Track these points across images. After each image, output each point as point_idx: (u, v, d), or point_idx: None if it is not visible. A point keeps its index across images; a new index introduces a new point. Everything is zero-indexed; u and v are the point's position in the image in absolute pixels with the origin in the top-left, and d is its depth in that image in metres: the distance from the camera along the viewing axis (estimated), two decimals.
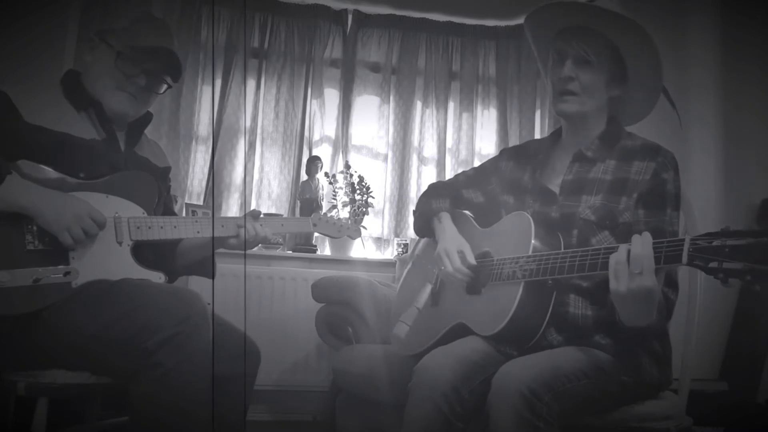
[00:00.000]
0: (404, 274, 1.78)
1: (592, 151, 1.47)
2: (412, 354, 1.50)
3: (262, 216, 1.66)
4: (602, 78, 1.43)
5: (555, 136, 1.60)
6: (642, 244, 1.12)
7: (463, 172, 1.76)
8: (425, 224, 1.66)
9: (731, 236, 1.00)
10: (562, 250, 1.33)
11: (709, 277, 1.22)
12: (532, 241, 1.36)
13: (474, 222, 1.63)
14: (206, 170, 3.11)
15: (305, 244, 3.06)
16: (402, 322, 1.52)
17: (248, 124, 3.17)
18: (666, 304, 1.31)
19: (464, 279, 1.46)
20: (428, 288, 1.55)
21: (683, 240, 1.07)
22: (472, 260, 1.47)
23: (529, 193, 1.53)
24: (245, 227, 1.60)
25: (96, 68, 1.58)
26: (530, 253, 1.34)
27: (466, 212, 1.67)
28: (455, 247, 1.49)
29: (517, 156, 1.65)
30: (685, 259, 1.05)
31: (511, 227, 1.47)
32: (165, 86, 1.68)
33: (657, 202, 1.37)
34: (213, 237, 1.60)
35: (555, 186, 1.49)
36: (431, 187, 1.73)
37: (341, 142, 3.26)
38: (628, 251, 1.13)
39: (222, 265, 1.82)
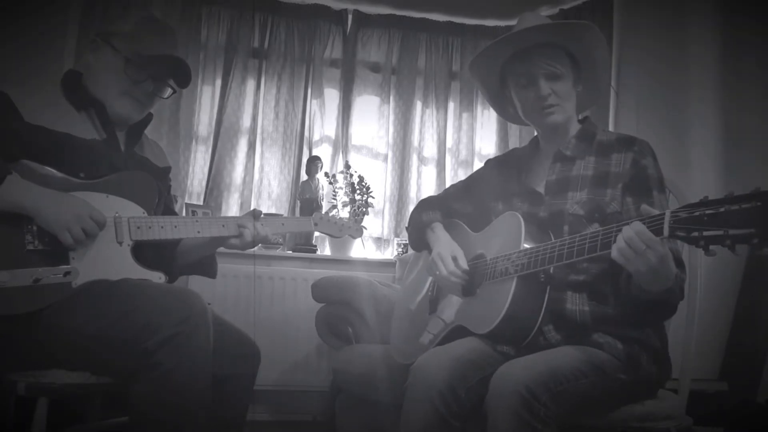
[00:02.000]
0: (425, 290, 1.77)
1: (570, 150, 1.52)
2: (411, 362, 1.50)
3: (262, 216, 1.66)
4: (570, 82, 1.50)
5: (534, 143, 1.66)
6: (631, 227, 1.14)
7: (452, 185, 1.82)
8: (419, 237, 1.69)
9: (709, 205, 1.03)
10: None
11: (709, 277, 1.22)
12: (523, 238, 1.38)
13: (466, 227, 1.66)
14: (206, 170, 3.11)
15: (305, 244, 3.06)
16: (428, 332, 1.54)
17: (248, 124, 3.17)
18: (678, 282, 1.32)
19: (458, 282, 1.48)
20: (453, 299, 1.56)
21: (663, 214, 1.10)
22: (464, 265, 1.50)
23: (517, 195, 1.56)
24: (249, 227, 1.60)
25: (101, 71, 1.57)
26: (521, 248, 1.37)
27: (458, 220, 1.69)
28: (449, 252, 1.52)
29: (500, 165, 1.70)
30: (666, 231, 1.08)
31: (502, 228, 1.50)
32: (170, 91, 1.68)
33: (642, 188, 1.41)
34: (214, 236, 1.59)
35: (540, 188, 1.52)
36: (421, 202, 1.78)
37: (341, 142, 3.26)
38: (624, 240, 1.14)
39: (222, 266, 1.82)
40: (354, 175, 3.05)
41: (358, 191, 3.02)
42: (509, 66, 1.54)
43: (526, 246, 1.37)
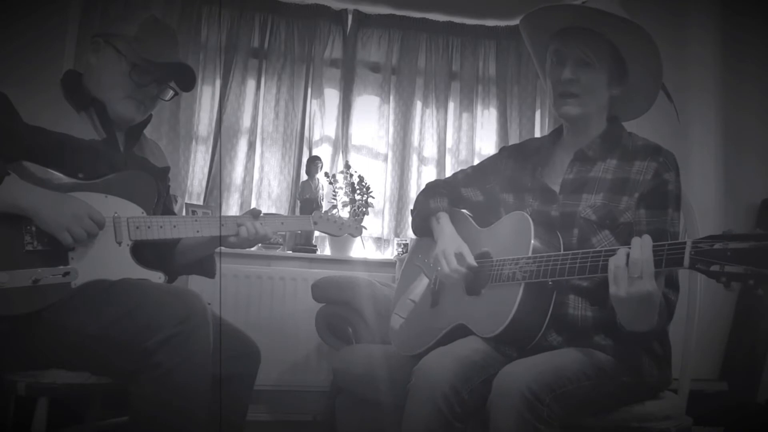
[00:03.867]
0: (401, 272, 1.78)
1: (593, 151, 1.46)
2: (412, 354, 1.50)
3: (262, 215, 1.65)
4: (603, 78, 1.42)
5: (556, 134, 1.59)
6: (641, 248, 1.11)
7: (462, 170, 1.75)
8: (423, 224, 1.65)
9: (733, 239, 0.99)
10: (562, 250, 1.32)
11: (709, 278, 1.20)
12: (532, 241, 1.35)
13: (473, 221, 1.62)
14: (206, 170, 3.11)
15: (305, 244, 3.06)
16: (396, 315, 1.52)
17: (248, 124, 3.17)
18: (667, 306, 1.31)
19: (460, 279, 1.46)
20: (424, 281, 1.54)
21: (685, 243, 1.06)
22: (471, 261, 1.46)
23: (529, 191, 1.52)
24: (248, 225, 1.60)
25: (104, 73, 1.57)
26: (530, 253, 1.34)
27: (465, 211, 1.66)
28: (453, 248, 1.48)
29: (516, 154, 1.64)
30: (686, 262, 1.04)
31: (510, 227, 1.46)
32: (172, 93, 1.69)
33: (659, 203, 1.36)
34: (220, 236, 1.60)
35: (555, 185, 1.48)
36: (429, 185, 1.71)
37: (341, 142, 3.26)
38: (627, 255, 1.12)
39: (222, 266, 1.82)
40: (354, 175, 3.05)
41: (358, 191, 3.02)
42: (552, 41, 1.46)
43: (534, 244, 1.34)
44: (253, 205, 3.11)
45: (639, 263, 1.10)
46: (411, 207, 1.76)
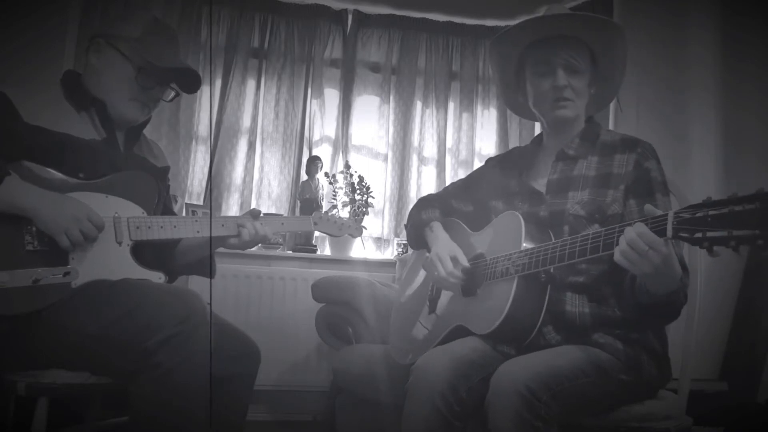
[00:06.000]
0: (416, 284, 1.77)
1: (573, 149, 1.51)
2: (408, 362, 1.50)
3: (262, 215, 1.66)
4: (587, 80, 1.50)
5: (537, 141, 1.65)
6: (633, 227, 1.13)
7: (452, 183, 1.81)
8: (418, 235, 1.68)
9: (713, 206, 1.02)
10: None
11: (709, 277, 1.20)
12: (523, 238, 1.38)
13: (465, 227, 1.65)
14: (206, 170, 3.11)
15: (305, 244, 3.06)
16: (420, 323, 1.53)
17: (248, 124, 3.17)
18: (682, 287, 1.31)
19: (457, 282, 1.47)
20: (452, 299, 1.55)
21: (666, 215, 1.09)
22: (465, 263, 1.49)
23: (517, 195, 1.55)
24: (248, 226, 1.60)
25: (106, 74, 1.57)
26: (521, 248, 1.36)
27: (457, 219, 1.69)
28: (447, 252, 1.51)
29: (502, 163, 1.69)
30: (669, 232, 1.08)
31: (502, 227, 1.49)
32: (173, 94, 1.70)
33: (645, 191, 1.40)
34: (210, 237, 1.60)
35: (541, 186, 1.51)
36: (420, 200, 1.77)
37: (341, 142, 3.26)
38: (626, 242, 1.13)
39: (222, 266, 1.82)
40: (354, 175, 3.05)
41: (358, 191, 3.02)
42: (530, 52, 1.51)
43: (526, 245, 1.36)
44: (253, 205, 3.11)
45: (637, 240, 1.11)
46: (409, 209, 1.79)
